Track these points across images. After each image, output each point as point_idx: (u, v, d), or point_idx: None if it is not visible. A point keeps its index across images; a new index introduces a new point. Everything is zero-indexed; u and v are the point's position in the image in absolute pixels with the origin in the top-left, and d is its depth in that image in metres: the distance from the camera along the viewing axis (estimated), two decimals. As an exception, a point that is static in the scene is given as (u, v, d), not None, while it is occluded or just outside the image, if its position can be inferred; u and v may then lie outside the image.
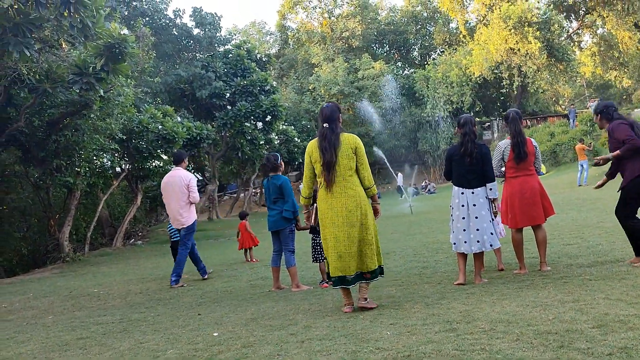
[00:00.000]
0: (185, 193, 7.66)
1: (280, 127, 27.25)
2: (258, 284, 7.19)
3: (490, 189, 5.43)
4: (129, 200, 20.43)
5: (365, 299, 4.70)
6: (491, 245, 5.44)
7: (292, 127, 30.59)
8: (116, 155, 15.56)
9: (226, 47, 24.16)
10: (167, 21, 22.60)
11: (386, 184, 39.68)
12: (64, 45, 9.88)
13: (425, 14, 45.40)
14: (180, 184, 7.66)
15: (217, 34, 24.21)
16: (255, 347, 3.76)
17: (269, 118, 22.44)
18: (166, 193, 7.82)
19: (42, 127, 12.25)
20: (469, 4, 38.13)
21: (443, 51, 41.84)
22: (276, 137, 27.88)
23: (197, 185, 34.38)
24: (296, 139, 30.18)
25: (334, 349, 3.50)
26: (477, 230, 5.39)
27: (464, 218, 5.45)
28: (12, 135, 11.68)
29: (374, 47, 46.52)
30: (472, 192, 5.44)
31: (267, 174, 6.76)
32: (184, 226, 7.78)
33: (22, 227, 16.36)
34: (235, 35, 29.94)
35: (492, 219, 5.47)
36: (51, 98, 11.41)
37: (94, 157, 14.78)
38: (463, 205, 5.45)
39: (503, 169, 5.92)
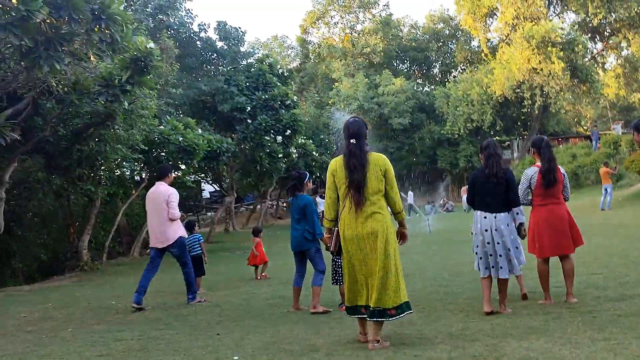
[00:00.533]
0: (165, 209, 7.33)
1: (299, 141, 27.27)
2: (276, 303, 7.14)
3: (517, 214, 5.39)
4: (147, 210, 20.56)
5: (378, 341, 4.26)
6: (512, 272, 5.40)
7: (311, 141, 30.58)
8: (138, 165, 15.67)
9: (249, 60, 24.33)
10: (192, 34, 22.85)
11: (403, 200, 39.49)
12: (92, 58, 10.02)
13: (447, 32, 45.40)
14: (160, 200, 7.38)
15: (241, 48, 24.41)
16: (277, 375, 3.71)
17: (288, 132, 22.45)
18: (148, 209, 7.60)
19: (67, 136, 12.41)
20: (492, 22, 38.08)
21: (464, 69, 41.77)
22: (295, 151, 27.91)
23: (215, 196, 34.60)
24: (314, 153, 30.15)
25: (358, 381, 3.44)
26: (500, 256, 5.31)
27: (488, 243, 5.35)
28: (38, 144, 11.84)
29: (395, 64, 46.57)
30: (495, 217, 5.32)
31: (293, 192, 6.72)
32: (164, 245, 7.41)
33: (42, 234, 16.53)
34: (257, 49, 30.20)
35: (517, 246, 5.40)
36: (77, 109, 11.56)
37: (115, 167, 14.92)
38: (487, 230, 5.34)
39: (530, 197, 5.82)
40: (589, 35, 35.89)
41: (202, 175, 25.65)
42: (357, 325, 4.66)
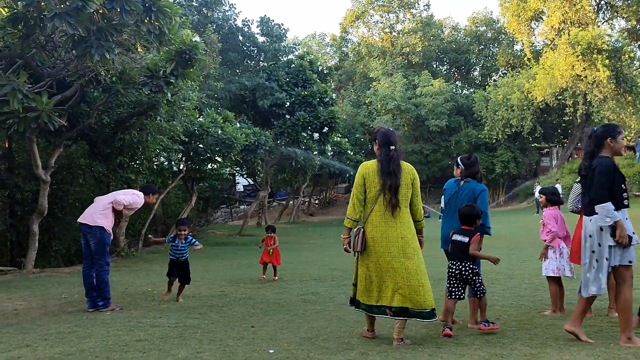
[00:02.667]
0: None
1: (335, 139, 27.34)
2: (309, 299, 7.17)
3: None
4: (183, 200, 20.92)
5: (402, 339, 4.44)
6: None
7: (346, 140, 30.62)
8: (176, 155, 15.95)
9: (289, 57, 24.49)
10: (235, 29, 23.13)
11: (437, 203, 39.12)
12: (139, 49, 10.24)
13: (489, 35, 44.71)
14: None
15: (282, 45, 24.59)
16: (313, 371, 3.73)
17: (325, 129, 22.58)
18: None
19: (111, 124, 12.71)
20: (537, 26, 37.29)
21: (505, 73, 41.04)
22: (330, 149, 27.98)
23: (248, 190, 34.94)
24: (349, 151, 30.17)
25: (395, 383, 3.43)
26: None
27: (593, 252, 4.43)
28: (82, 131, 12.18)
29: (434, 65, 46.11)
30: (590, 220, 4.47)
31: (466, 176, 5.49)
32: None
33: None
34: (297, 46, 30.33)
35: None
36: (121, 98, 11.84)
37: (155, 157, 15.21)
38: (591, 236, 4.43)
39: (580, 205, 5.70)
40: (638, 43, 34.82)
41: (238, 168, 25.92)
42: (366, 322, 4.83)
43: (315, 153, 23.89)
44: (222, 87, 20.39)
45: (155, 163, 15.86)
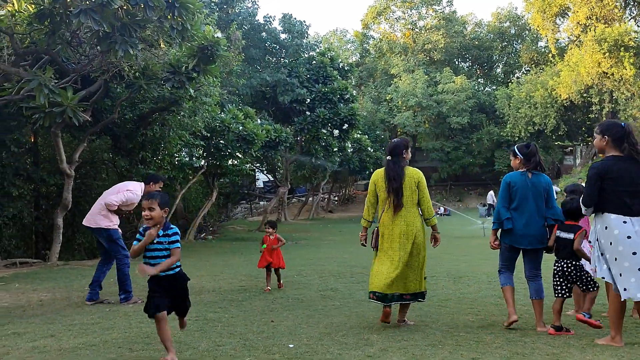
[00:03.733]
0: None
1: (355, 136, 27.29)
2: (329, 295, 7.17)
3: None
4: (203, 195, 21.08)
5: (404, 320, 5.22)
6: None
7: (366, 137, 30.53)
8: (197, 151, 16.08)
9: (310, 53, 24.49)
10: (257, 26, 23.21)
11: (457, 201, 38.82)
12: (162, 45, 10.34)
13: (513, 31, 44.13)
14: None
15: (304, 41, 24.61)
16: (333, 366, 3.74)
17: (345, 126, 22.55)
18: None
19: (133, 120, 12.87)
20: (562, 22, 36.68)
21: (529, 70, 40.51)
22: (350, 146, 27.94)
23: (268, 186, 35.13)
24: (369, 148, 30.09)
25: (415, 379, 3.42)
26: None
27: (635, 253, 4.10)
28: (106, 126, 12.35)
29: (456, 62, 45.71)
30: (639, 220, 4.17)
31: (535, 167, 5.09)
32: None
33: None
34: (318, 43, 30.32)
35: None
36: (144, 93, 11.98)
37: (176, 152, 15.36)
38: (630, 237, 4.12)
39: None
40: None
41: (258, 164, 26.05)
42: (383, 310, 5.13)
43: (335, 150, 23.87)
44: (244, 84, 20.49)
45: (177, 158, 16.01)
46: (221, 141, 15.92)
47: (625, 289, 4.08)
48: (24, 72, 8.15)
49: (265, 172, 29.62)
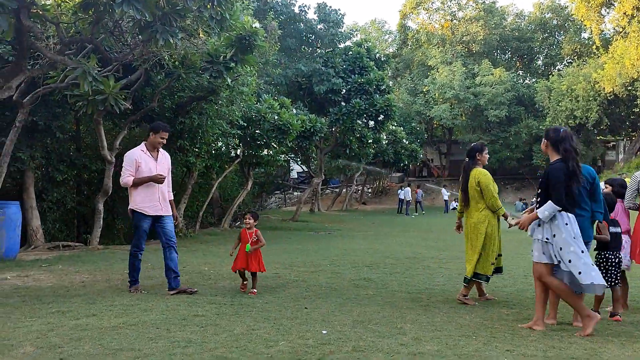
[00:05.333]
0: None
1: (390, 128, 27.10)
2: (362, 285, 7.19)
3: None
4: (239, 184, 21.32)
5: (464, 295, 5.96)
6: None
7: (402, 129, 30.28)
8: (234, 140, 16.23)
9: (346, 44, 24.38)
10: (293, 16, 23.24)
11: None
12: (201, 35, 10.46)
13: (555, 22, 42.95)
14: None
15: (340, 31, 24.51)
16: (366, 353, 3.76)
17: (381, 117, 22.39)
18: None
19: (172, 108, 13.07)
20: (608, 13, 35.50)
21: (571, 62, 39.44)
22: (385, 137, 27.77)
23: (302, 177, 35.41)
24: (404, 140, 29.84)
25: (449, 368, 3.41)
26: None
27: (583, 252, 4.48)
28: (146, 114, 12.59)
29: (495, 53, 44.78)
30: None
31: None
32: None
33: (143, 199, 17.57)
34: (355, 32, 30.16)
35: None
36: (183, 82, 12.16)
37: (213, 141, 15.55)
38: (575, 238, 4.49)
39: (638, 201, 5.49)
40: None
41: (292, 155, 26.17)
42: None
43: (370, 141, 23.75)
44: (280, 73, 20.56)
45: (214, 147, 16.21)
46: (257, 131, 16.03)
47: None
48: (69, 60, 8.38)
49: (299, 162, 29.73)
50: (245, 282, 6.57)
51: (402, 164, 31.48)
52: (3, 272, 7.81)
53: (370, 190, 40.41)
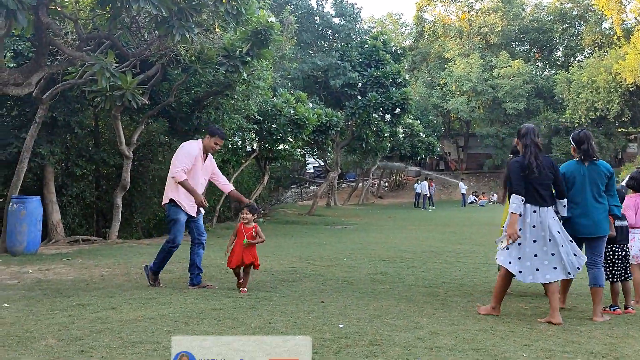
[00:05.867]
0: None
1: (407, 121, 26.98)
2: (378, 279, 7.18)
3: (564, 206, 4.88)
4: (256, 178, 21.41)
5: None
6: (578, 269, 4.78)
7: (419, 122, 30.11)
8: (250, 135, 16.29)
9: (363, 37, 24.29)
10: (310, 10, 23.20)
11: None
12: (217, 29, 10.50)
13: (575, 12, 42.24)
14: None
15: (356, 25, 24.42)
16: (383, 347, 3.76)
17: (397, 111, 22.28)
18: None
19: (189, 103, 13.16)
20: (629, 2, 34.84)
21: (591, 53, 38.78)
22: (401, 131, 27.65)
23: (318, 171, 35.42)
24: (421, 134, 29.69)
25: (466, 363, 3.40)
26: (552, 254, 4.70)
27: (534, 241, 4.72)
28: (163, 109, 12.69)
29: (514, 45, 44.24)
30: (547, 210, 4.75)
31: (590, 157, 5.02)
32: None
33: (161, 194, 17.72)
34: (371, 25, 30.02)
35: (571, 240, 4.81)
36: (199, 77, 12.22)
37: (230, 136, 15.63)
38: (534, 226, 4.71)
39: None
40: None
41: (308, 149, 26.19)
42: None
43: (386, 135, 23.67)
44: (296, 68, 20.56)
45: (231, 142, 16.29)
46: (273, 125, 16.06)
47: (520, 272, 4.69)
48: (87, 56, 8.46)
49: (315, 157, 29.75)
50: (241, 281, 6.14)
51: (419, 158, 31.33)
52: (25, 266, 7.95)
53: (386, 184, 40.28)
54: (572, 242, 4.79)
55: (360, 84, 21.94)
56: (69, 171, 12.86)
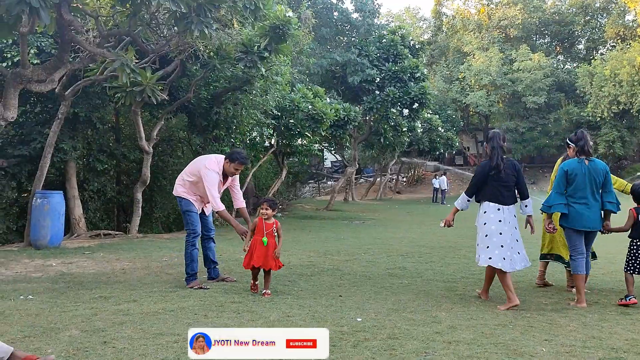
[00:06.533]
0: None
1: (425, 116, 26.79)
2: (396, 274, 7.18)
3: (526, 206, 5.40)
4: (274, 173, 21.49)
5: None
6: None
7: (437, 116, 29.86)
8: (268, 130, 16.34)
9: (381, 32, 24.13)
10: (329, 5, 23.13)
11: (531, 184, 37.43)
12: (235, 25, 10.55)
13: (597, 4, 41.45)
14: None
15: (375, 21, 24.28)
16: (400, 340, 3.77)
17: (416, 105, 22.10)
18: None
19: (207, 99, 13.24)
20: (653, -6, 34.10)
21: (614, 46, 38.03)
22: (420, 126, 27.47)
23: (335, 166, 35.18)
24: (440, 128, 29.46)
25: (485, 356, 3.39)
26: (512, 247, 5.21)
27: (501, 234, 5.21)
28: (182, 105, 12.80)
29: (534, 38, 43.58)
30: (508, 209, 5.28)
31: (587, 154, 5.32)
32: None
33: (180, 189, 17.90)
34: (389, 20, 29.85)
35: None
36: (218, 73, 12.29)
37: (248, 131, 15.71)
38: (500, 221, 5.23)
39: None
40: None
41: (326, 144, 26.16)
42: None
43: (404, 130, 23.53)
44: (314, 63, 20.53)
45: (249, 137, 16.36)
46: (291, 120, 16.08)
47: (490, 258, 5.14)
48: (107, 52, 8.58)
49: (333, 152, 29.71)
50: (256, 283, 5.69)
51: (437, 153, 31.09)
52: (49, 259, 8.11)
53: (404, 179, 40.10)
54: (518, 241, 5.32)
55: (378, 79, 21.81)
56: (91, 166, 13.04)
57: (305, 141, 17.97)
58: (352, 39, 24.62)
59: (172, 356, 3.40)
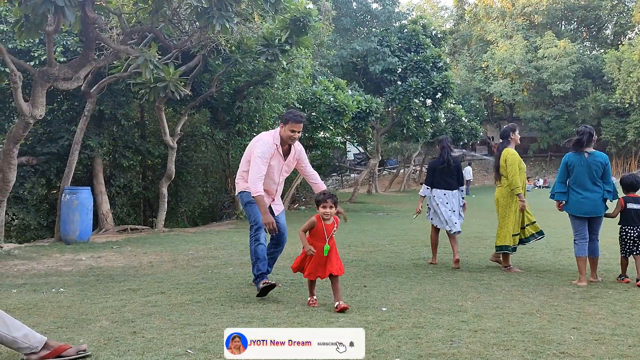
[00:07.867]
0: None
1: (448, 106, 26.51)
2: (421, 264, 7.16)
3: (462, 190, 7.19)
4: (296, 167, 21.52)
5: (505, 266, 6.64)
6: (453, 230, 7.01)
7: (460, 106, 29.55)
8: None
9: (402, 22, 23.94)
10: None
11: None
12: (256, 19, 10.59)
13: (625, -13, 40.47)
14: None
15: (395, 10, 24.07)
16: (426, 329, 3.76)
17: (438, 95, 21.89)
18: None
19: (230, 93, 13.34)
20: (683, -25, 33.10)
21: (643, 30, 37.13)
22: (443, 116, 27.22)
23: (358, 158, 34.94)
24: (463, 118, 29.14)
25: (512, 345, 3.37)
26: (451, 217, 6.98)
27: (446, 205, 7.04)
28: (205, 100, 12.91)
29: (560, 24, 42.73)
30: (452, 193, 7.08)
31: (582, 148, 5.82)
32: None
33: (204, 183, 18.12)
34: (410, 10, 29.53)
35: (460, 214, 7.17)
36: (240, 67, 12.35)
37: (270, 124, 15.77)
38: (447, 203, 7.05)
39: None
40: None
41: (349, 137, 26.11)
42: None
43: (427, 120, 23.33)
44: (335, 54, 20.48)
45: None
46: (313, 113, 16.09)
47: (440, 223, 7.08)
48: (131, 49, 8.70)
49: (355, 144, 29.64)
50: (315, 298, 4.76)
51: (461, 143, 30.76)
52: (78, 254, 8.29)
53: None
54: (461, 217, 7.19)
55: (400, 69, 21.65)
56: (117, 162, 13.26)
57: (327, 134, 17.96)
58: (373, 29, 24.46)
59: (199, 345, 3.45)
